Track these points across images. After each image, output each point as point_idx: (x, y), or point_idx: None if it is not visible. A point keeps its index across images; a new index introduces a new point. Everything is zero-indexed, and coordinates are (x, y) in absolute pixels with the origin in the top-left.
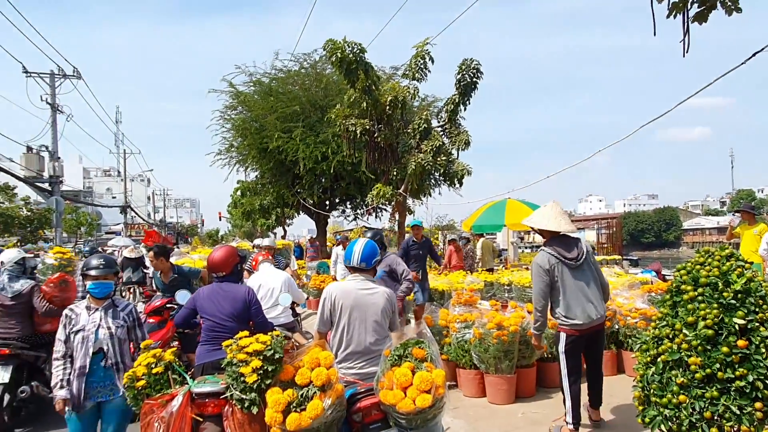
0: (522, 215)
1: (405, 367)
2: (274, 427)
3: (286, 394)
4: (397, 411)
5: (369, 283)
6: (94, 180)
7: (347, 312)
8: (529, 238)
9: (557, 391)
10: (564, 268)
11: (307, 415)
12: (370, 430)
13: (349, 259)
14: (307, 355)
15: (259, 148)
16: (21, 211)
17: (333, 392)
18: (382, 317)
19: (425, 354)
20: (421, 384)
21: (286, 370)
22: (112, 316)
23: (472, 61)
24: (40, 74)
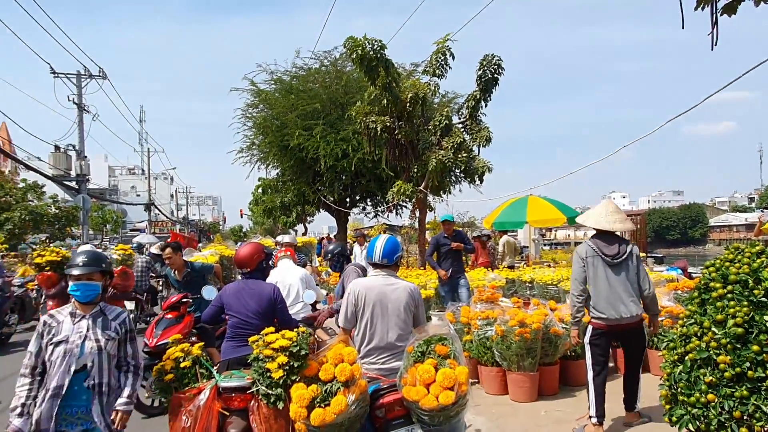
0: (544, 212)
1: (428, 364)
2: (298, 422)
3: (310, 389)
4: (420, 407)
5: (392, 278)
6: (119, 178)
7: (370, 307)
8: (551, 235)
9: (581, 389)
10: (600, 263)
11: (331, 411)
12: (392, 426)
13: (371, 256)
14: (331, 351)
15: (280, 146)
16: (49, 209)
17: (356, 388)
18: (405, 312)
19: (448, 351)
20: (444, 381)
21: (311, 366)
22: (102, 326)
23: (494, 57)
24: (67, 75)
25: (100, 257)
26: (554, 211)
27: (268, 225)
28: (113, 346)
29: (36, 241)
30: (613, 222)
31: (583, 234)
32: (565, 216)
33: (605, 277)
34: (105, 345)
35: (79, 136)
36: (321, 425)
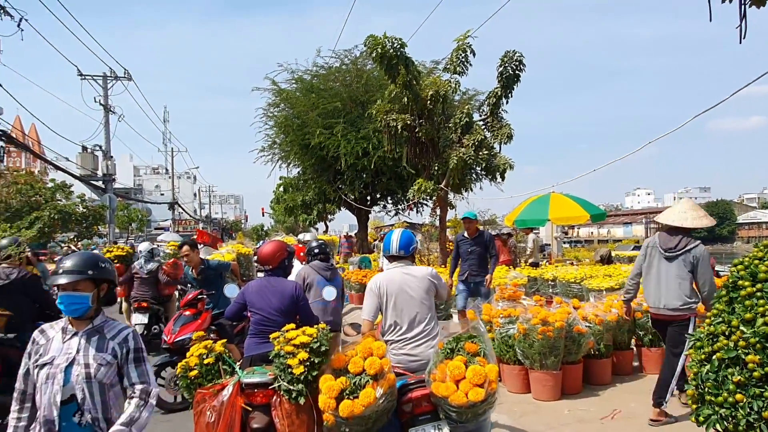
0: (567, 209)
1: (458, 360)
2: (326, 413)
3: (339, 381)
4: (449, 403)
5: (410, 267)
6: (143, 177)
7: (393, 297)
8: (573, 233)
9: (605, 388)
10: (656, 255)
11: (359, 403)
12: (419, 421)
13: (388, 249)
14: (360, 345)
15: (301, 145)
16: (77, 208)
17: (385, 381)
18: (428, 296)
19: (478, 349)
20: (474, 378)
21: (339, 358)
22: (96, 346)
23: (515, 53)
24: (93, 77)
25: (89, 262)
26: (577, 209)
27: (289, 223)
28: (108, 373)
29: (65, 239)
30: (684, 219)
31: (607, 231)
32: (588, 213)
33: (657, 268)
34: (95, 372)
35: (106, 137)
36: (349, 417)
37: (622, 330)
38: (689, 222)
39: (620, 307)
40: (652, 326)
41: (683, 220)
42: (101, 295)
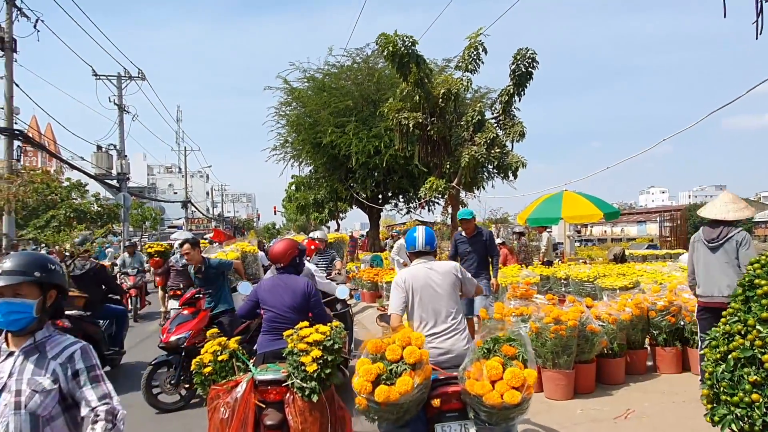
0: (580, 208)
1: (495, 361)
2: (360, 396)
3: (376, 366)
4: (482, 403)
5: (434, 263)
6: (157, 176)
7: (418, 293)
8: (586, 232)
9: (618, 388)
10: (701, 246)
11: (396, 390)
12: (446, 417)
13: (413, 245)
14: (399, 333)
15: (313, 143)
16: (92, 207)
17: (423, 372)
18: (453, 290)
19: (516, 352)
20: (512, 380)
21: (376, 345)
22: (34, 368)
23: (527, 51)
24: (108, 77)
25: (36, 262)
26: (590, 207)
27: (301, 222)
28: (44, 402)
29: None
30: (726, 212)
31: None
32: (602, 212)
33: (704, 259)
34: (27, 401)
35: (120, 136)
36: (384, 402)
37: (636, 329)
38: (731, 215)
39: (634, 305)
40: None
41: (725, 213)
42: (48, 304)
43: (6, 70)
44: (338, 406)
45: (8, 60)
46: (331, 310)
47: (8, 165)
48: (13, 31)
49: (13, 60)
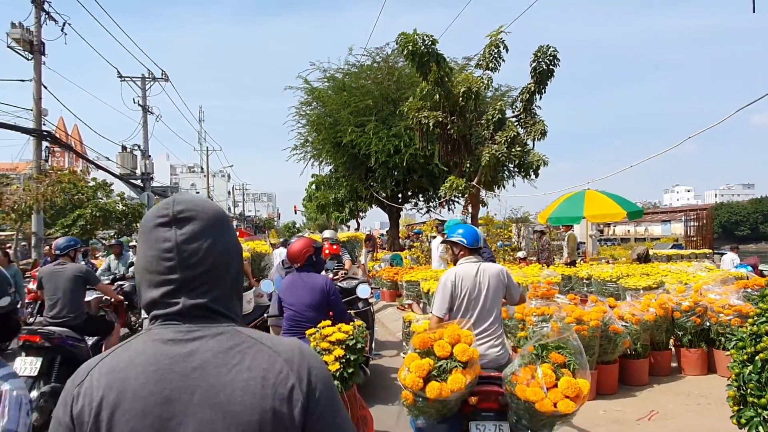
0: (603, 207)
1: (547, 368)
2: (408, 390)
3: (426, 361)
4: (534, 409)
5: (482, 264)
6: (179, 176)
7: (467, 293)
8: (609, 231)
9: (641, 389)
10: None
11: (448, 387)
12: (482, 416)
13: (476, 240)
14: (448, 329)
15: (333, 143)
16: (117, 206)
17: (473, 371)
18: (497, 295)
19: (565, 360)
20: (568, 389)
21: (423, 340)
22: None
23: (549, 48)
24: (132, 78)
25: None
26: (614, 206)
27: (321, 221)
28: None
29: (105, 236)
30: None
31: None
32: (625, 211)
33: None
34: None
35: (144, 137)
36: (435, 398)
37: (660, 330)
38: None
39: (658, 306)
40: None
41: None
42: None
43: (35, 73)
44: (360, 405)
45: (37, 63)
46: (352, 308)
47: (37, 165)
48: (41, 35)
49: (41, 63)
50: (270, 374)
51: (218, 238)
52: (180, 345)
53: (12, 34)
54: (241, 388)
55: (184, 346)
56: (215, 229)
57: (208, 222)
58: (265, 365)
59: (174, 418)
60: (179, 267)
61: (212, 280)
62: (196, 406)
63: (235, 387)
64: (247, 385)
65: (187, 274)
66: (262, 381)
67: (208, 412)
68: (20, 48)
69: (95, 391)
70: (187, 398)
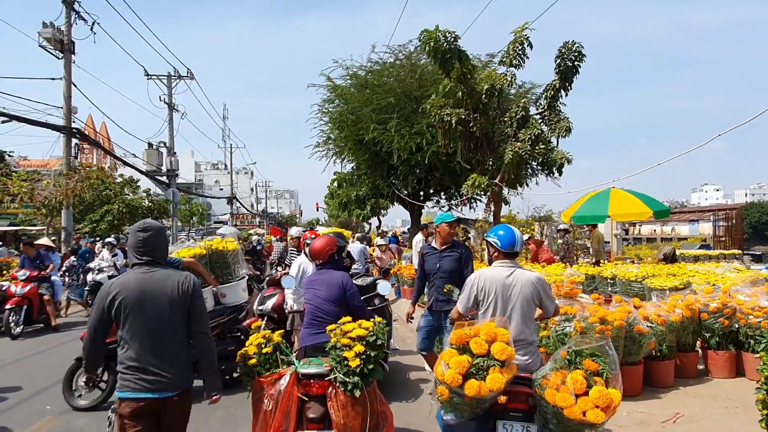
0: (628, 206)
1: (579, 374)
2: (443, 386)
3: (465, 358)
4: (562, 414)
5: (517, 269)
6: (203, 173)
7: (494, 299)
8: (634, 231)
9: (666, 391)
10: None
11: (487, 386)
12: (510, 415)
13: (512, 243)
14: (484, 327)
15: (355, 140)
16: (143, 202)
17: (510, 371)
18: (529, 304)
19: (599, 369)
20: (599, 399)
21: (460, 336)
22: None
23: (574, 44)
24: (159, 76)
25: None
26: (639, 205)
27: (343, 218)
28: None
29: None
30: None
31: (671, 229)
32: (651, 210)
33: None
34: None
35: (170, 134)
36: (474, 396)
37: (687, 331)
38: None
39: (685, 307)
40: None
41: None
42: None
43: (65, 71)
44: (380, 402)
45: (67, 62)
46: (369, 305)
47: (67, 162)
48: (71, 34)
49: (71, 62)
50: (181, 282)
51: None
52: (146, 273)
53: (43, 33)
54: (170, 287)
55: (148, 273)
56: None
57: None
58: (179, 278)
59: (146, 300)
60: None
61: (155, 251)
62: (154, 294)
63: (168, 286)
64: (174, 285)
65: (147, 249)
66: (178, 284)
67: (159, 295)
68: (51, 47)
69: (114, 289)
70: (150, 292)
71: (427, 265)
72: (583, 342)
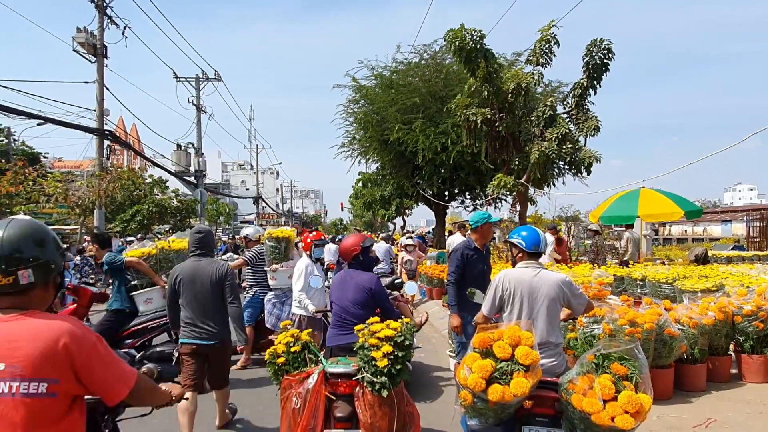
0: (658, 206)
1: (607, 379)
2: (466, 390)
3: (488, 362)
4: (589, 420)
5: (542, 270)
6: (230, 173)
7: (519, 300)
8: (664, 231)
9: (698, 395)
10: None
11: (511, 391)
12: (535, 420)
13: (536, 244)
14: (508, 330)
15: (380, 140)
16: (172, 202)
17: (535, 375)
18: (556, 306)
19: (628, 373)
20: (628, 404)
21: (483, 339)
22: None
23: (603, 41)
24: (187, 79)
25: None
26: (670, 205)
27: (367, 218)
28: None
29: (161, 231)
30: None
31: (703, 229)
32: (682, 210)
33: None
34: None
35: (197, 135)
36: (498, 401)
37: (720, 334)
38: None
39: (718, 309)
40: None
41: None
42: None
43: (97, 75)
44: (407, 402)
45: (100, 66)
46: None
47: (99, 163)
48: (104, 39)
49: (104, 65)
50: (216, 267)
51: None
52: (197, 261)
53: (77, 38)
54: (211, 270)
55: (198, 261)
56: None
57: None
58: (218, 265)
59: (196, 278)
60: (198, 243)
61: (204, 247)
62: (201, 274)
63: (210, 270)
64: (213, 270)
65: (199, 245)
66: (216, 269)
67: (203, 275)
68: (85, 51)
69: (177, 271)
70: (199, 273)
71: (471, 267)
72: (610, 345)
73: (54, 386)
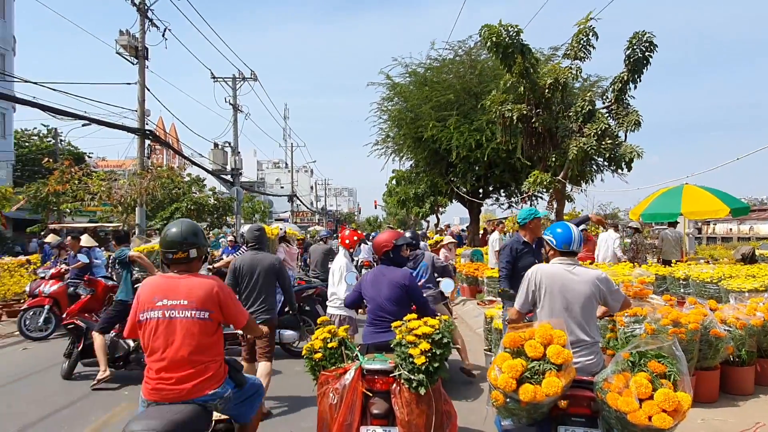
0: (702, 203)
1: (643, 377)
2: (497, 391)
3: (518, 362)
4: (625, 420)
5: (577, 267)
6: (265, 171)
7: (551, 296)
8: (708, 230)
9: (745, 399)
10: None
11: (543, 391)
12: (571, 420)
13: (569, 242)
14: (539, 329)
15: (414, 138)
16: (209, 200)
17: (568, 374)
18: (591, 304)
19: (666, 371)
20: (666, 402)
21: (514, 339)
22: None
23: (644, 34)
24: (224, 79)
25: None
26: (715, 202)
27: (401, 216)
28: None
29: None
30: None
31: (749, 228)
32: (728, 207)
33: None
34: None
35: (234, 134)
36: (529, 401)
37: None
38: None
39: (766, 310)
40: None
41: None
42: None
43: (139, 76)
44: (444, 400)
45: (141, 67)
46: None
47: (140, 162)
48: (145, 41)
49: (145, 67)
50: (272, 260)
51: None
52: (255, 254)
53: (120, 41)
54: (266, 262)
55: (256, 254)
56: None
57: (262, 230)
58: (272, 258)
59: (254, 269)
60: (256, 239)
61: (261, 241)
62: (258, 266)
63: (265, 262)
64: (268, 262)
65: (257, 240)
66: (270, 262)
67: (260, 266)
68: (127, 54)
69: (238, 263)
70: (256, 264)
71: (521, 262)
72: (647, 343)
73: (211, 315)
